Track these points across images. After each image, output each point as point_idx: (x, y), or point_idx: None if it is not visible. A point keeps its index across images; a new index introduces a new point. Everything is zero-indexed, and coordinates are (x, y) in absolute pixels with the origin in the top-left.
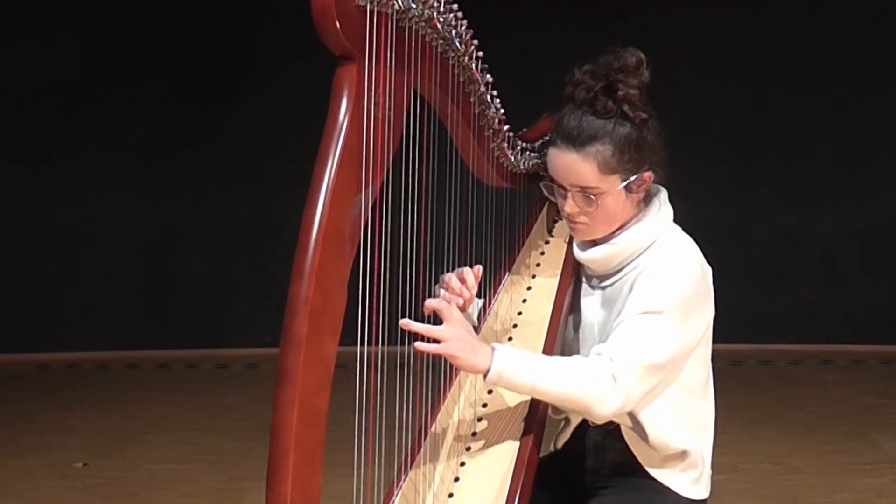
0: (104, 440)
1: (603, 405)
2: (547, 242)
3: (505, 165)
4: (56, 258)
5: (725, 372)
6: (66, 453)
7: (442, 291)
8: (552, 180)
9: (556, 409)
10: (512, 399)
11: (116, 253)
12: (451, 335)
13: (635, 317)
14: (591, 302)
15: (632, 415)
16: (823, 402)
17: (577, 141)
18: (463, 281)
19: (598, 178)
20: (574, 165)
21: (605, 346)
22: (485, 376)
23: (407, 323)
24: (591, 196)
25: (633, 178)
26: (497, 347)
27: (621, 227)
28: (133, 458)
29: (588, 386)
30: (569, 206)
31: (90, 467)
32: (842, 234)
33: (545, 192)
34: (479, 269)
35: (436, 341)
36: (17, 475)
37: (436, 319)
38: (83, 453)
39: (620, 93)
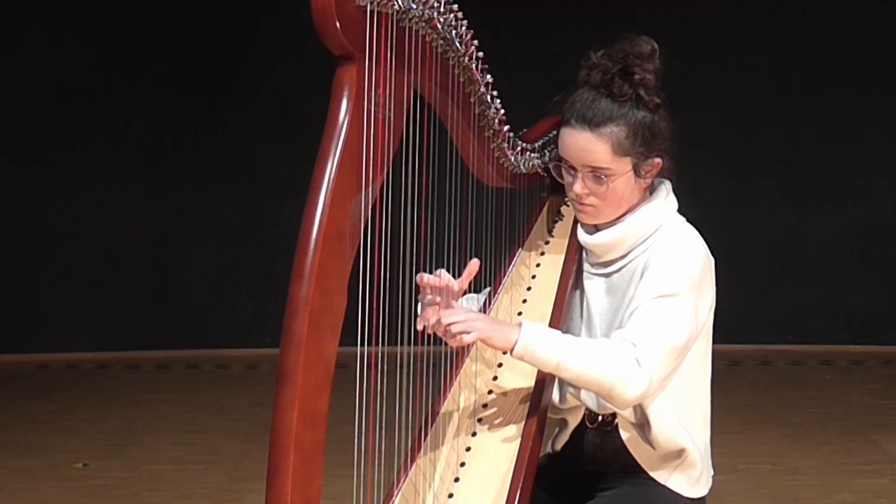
0: (104, 441)
1: (628, 388)
2: (547, 243)
3: (505, 166)
4: (56, 258)
5: (725, 372)
6: (66, 454)
7: (428, 296)
8: (562, 161)
9: (554, 409)
10: (512, 399)
11: (116, 253)
12: (476, 318)
13: (652, 301)
14: (595, 289)
15: (638, 408)
16: (823, 403)
17: (593, 121)
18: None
19: (611, 159)
20: (588, 145)
21: (626, 331)
22: (511, 351)
23: (440, 318)
24: (602, 177)
25: (643, 163)
26: (524, 322)
27: (627, 213)
28: (133, 458)
29: (614, 368)
30: (578, 187)
31: (90, 468)
32: (842, 234)
33: (553, 174)
34: (475, 262)
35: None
36: (17, 475)
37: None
38: (83, 454)
39: (637, 76)
